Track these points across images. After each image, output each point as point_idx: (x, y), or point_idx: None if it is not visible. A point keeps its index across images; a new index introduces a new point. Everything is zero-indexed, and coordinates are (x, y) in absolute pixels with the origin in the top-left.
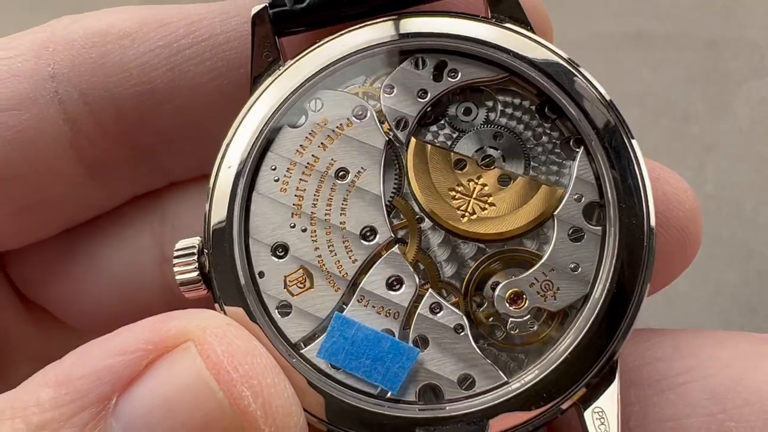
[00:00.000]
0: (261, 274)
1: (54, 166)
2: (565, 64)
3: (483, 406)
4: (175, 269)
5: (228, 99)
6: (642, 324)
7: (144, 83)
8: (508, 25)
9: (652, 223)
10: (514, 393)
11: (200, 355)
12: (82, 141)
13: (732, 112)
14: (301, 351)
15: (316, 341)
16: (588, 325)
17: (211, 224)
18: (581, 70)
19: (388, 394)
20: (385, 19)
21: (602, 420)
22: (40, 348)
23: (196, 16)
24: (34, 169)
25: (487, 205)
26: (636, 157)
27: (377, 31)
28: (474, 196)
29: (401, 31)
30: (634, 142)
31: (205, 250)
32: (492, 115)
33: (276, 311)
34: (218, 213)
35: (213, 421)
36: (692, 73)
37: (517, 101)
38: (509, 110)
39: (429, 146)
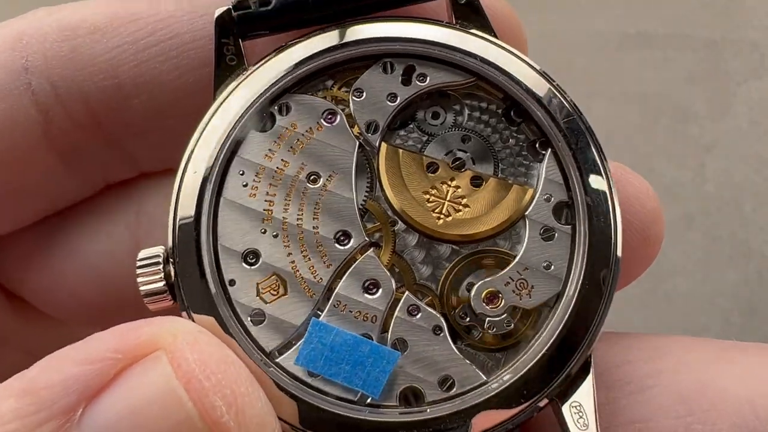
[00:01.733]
0: (232, 282)
1: (28, 154)
2: (529, 68)
3: (464, 407)
4: (139, 280)
5: (194, 95)
6: (612, 327)
7: (111, 78)
8: (473, 30)
9: (619, 220)
10: (494, 392)
11: (171, 363)
12: (54, 130)
13: (732, 112)
14: (277, 360)
15: (292, 349)
16: (563, 322)
17: (177, 231)
18: (545, 72)
19: (369, 400)
20: (351, 22)
21: (580, 413)
22: (27, 339)
23: (165, 14)
24: (9, 158)
25: (461, 207)
26: (601, 157)
27: (344, 35)
28: (448, 198)
29: (368, 35)
30: (598, 143)
31: (171, 259)
32: (460, 119)
33: (249, 320)
34: (185, 220)
35: None
36: (692, 73)
37: (484, 105)
38: (477, 114)
39: (401, 150)
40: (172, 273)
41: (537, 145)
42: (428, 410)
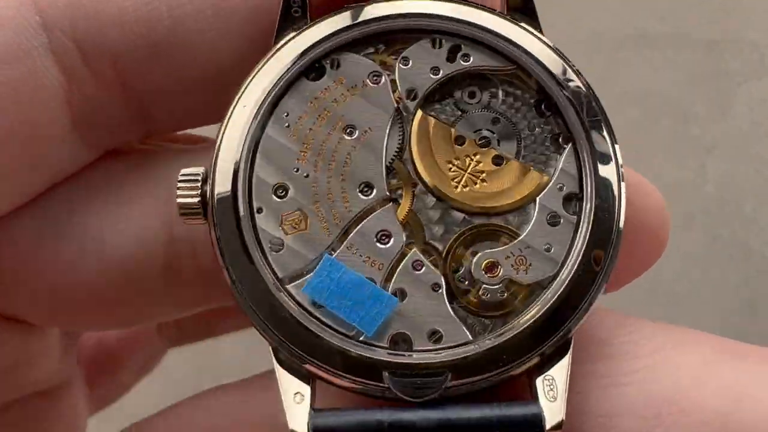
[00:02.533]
0: (259, 210)
1: (47, 123)
2: (567, 67)
3: (446, 359)
4: (178, 193)
5: (225, 61)
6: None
7: (144, 37)
8: (521, 24)
9: (621, 219)
10: (475, 352)
11: None
12: (75, 94)
13: (732, 113)
14: (287, 286)
15: (302, 279)
16: (551, 302)
17: (219, 156)
18: (581, 73)
19: (362, 336)
20: None
21: (552, 386)
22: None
23: None
24: (28, 128)
25: (479, 181)
26: (617, 159)
27: (403, 6)
28: (468, 171)
29: (424, 10)
30: (617, 146)
31: (208, 179)
32: (494, 102)
33: (269, 246)
34: (228, 146)
35: None
36: (692, 73)
37: (518, 92)
38: (510, 100)
39: (433, 119)
40: (209, 193)
41: (560, 139)
42: (414, 356)
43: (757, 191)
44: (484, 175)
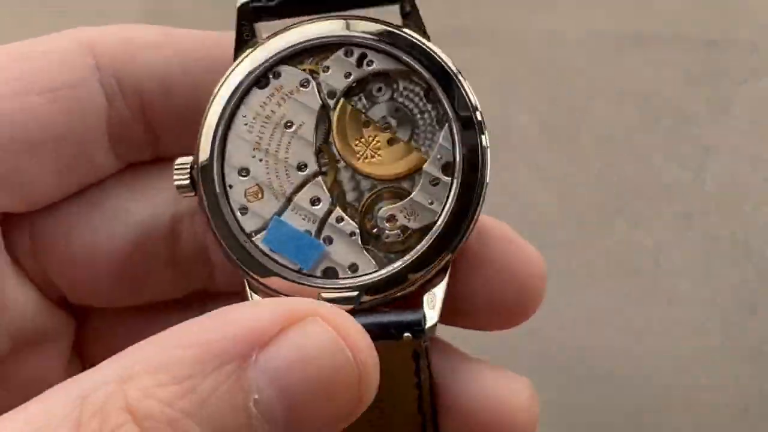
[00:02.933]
0: (230, 186)
1: (93, 132)
2: (446, 68)
3: (361, 283)
4: (174, 176)
5: None
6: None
7: (163, 84)
8: (412, 33)
9: (486, 180)
10: (381, 277)
11: (329, 324)
12: (112, 115)
13: (732, 112)
14: (253, 238)
15: (262, 233)
16: (432, 239)
17: (200, 150)
18: (455, 72)
19: (303, 270)
20: (333, 17)
21: (433, 300)
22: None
23: (211, 39)
24: (81, 133)
25: (376, 155)
26: (481, 134)
27: (326, 26)
28: (370, 147)
29: (341, 28)
30: (481, 123)
31: (194, 166)
32: (396, 95)
33: (238, 212)
34: (205, 143)
35: (345, 372)
36: (692, 73)
37: (411, 87)
38: (406, 92)
39: (349, 107)
40: (196, 175)
41: (441, 120)
42: (339, 282)
43: (757, 191)
44: (380, 151)
